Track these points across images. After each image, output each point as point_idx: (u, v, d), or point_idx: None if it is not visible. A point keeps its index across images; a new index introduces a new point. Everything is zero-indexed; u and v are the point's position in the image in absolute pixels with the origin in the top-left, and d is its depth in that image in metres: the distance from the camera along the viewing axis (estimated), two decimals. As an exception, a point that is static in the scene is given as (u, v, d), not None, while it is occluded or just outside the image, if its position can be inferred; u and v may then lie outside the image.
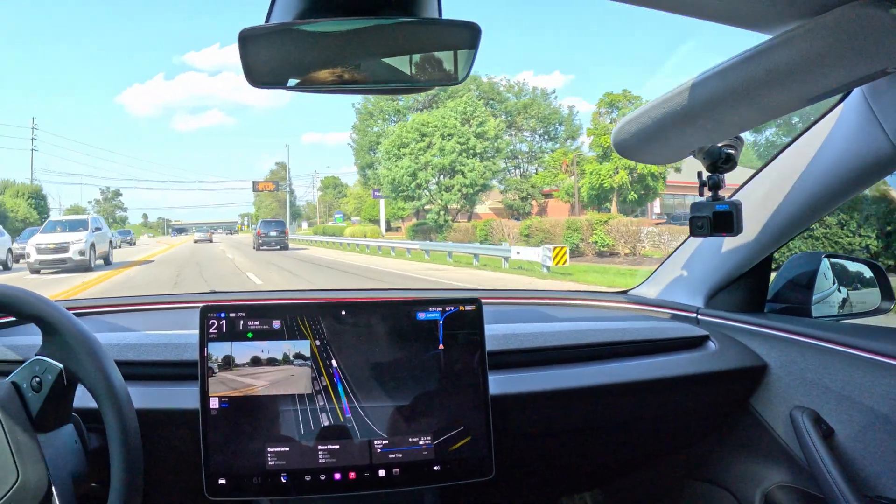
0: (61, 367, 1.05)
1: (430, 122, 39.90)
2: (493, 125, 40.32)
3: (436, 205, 39.83)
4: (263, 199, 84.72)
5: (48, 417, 1.05)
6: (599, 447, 1.66)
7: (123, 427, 1.03)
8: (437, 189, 39.75)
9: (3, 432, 1.01)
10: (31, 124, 61.23)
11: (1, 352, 1.32)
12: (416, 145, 40.01)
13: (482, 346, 1.28)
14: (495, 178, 42.31)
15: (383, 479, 1.22)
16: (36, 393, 1.05)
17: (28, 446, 1.01)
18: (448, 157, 38.69)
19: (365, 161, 51.46)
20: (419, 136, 39.94)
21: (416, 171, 39.63)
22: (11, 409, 1.03)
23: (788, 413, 1.47)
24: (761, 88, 1.03)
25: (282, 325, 1.22)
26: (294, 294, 2.13)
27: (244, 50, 0.92)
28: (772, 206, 1.51)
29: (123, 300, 1.81)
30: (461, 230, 34.59)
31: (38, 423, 1.04)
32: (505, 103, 46.08)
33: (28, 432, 1.03)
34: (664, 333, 1.62)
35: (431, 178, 39.92)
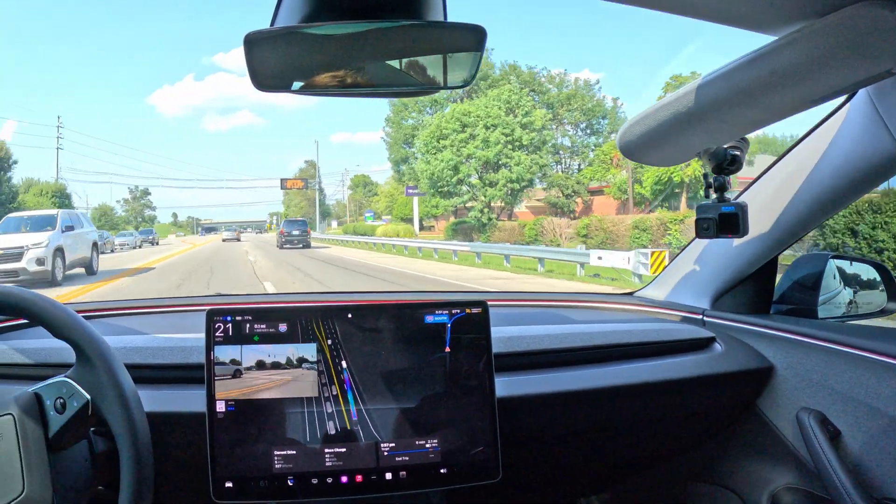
0: (89, 399, 1.04)
1: (472, 111, 37.21)
2: (539, 115, 37.60)
3: (478, 202, 37.02)
4: (292, 197, 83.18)
5: (64, 440, 1.05)
6: (606, 449, 1.66)
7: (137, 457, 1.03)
8: (479, 184, 37.02)
9: (17, 443, 1.01)
10: (57, 123, 60.47)
11: (8, 354, 1.34)
12: (456, 136, 37.17)
13: (489, 349, 1.28)
14: (541, 173, 38.98)
15: (390, 482, 1.22)
16: (58, 414, 1.04)
17: (39, 463, 1.02)
18: (492, 150, 35.93)
19: (399, 155, 49.37)
20: (460, 126, 37.16)
21: (457, 164, 36.92)
22: (30, 423, 1.03)
23: (795, 415, 1.47)
24: (766, 90, 1.02)
25: (288, 329, 1.23)
26: (301, 297, 2.13)
27: (250, 53, 0.93)
28: (777, 208, 1.50)
29: (130, 303, 1.83)
30: (506, 229, 32.23)
31: (53, 443, 1.04)
32: (546, 95, 43.03)
33: (41, 449, 1.03)
34: (670, 335, 1.62)
35: (474, 172, 37.14)
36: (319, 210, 70.42)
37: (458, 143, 37.11)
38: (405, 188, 47.94)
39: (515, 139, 36.38)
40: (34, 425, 1.03)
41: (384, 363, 1.24)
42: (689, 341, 1.62)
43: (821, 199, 1.44)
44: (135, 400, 1.06)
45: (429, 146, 38.49)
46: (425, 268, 20.55)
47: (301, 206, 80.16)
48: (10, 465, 1.00)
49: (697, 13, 0.95)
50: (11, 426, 1.02)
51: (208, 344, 1.19)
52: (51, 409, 1.04)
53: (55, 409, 1.04)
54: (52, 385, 1.06)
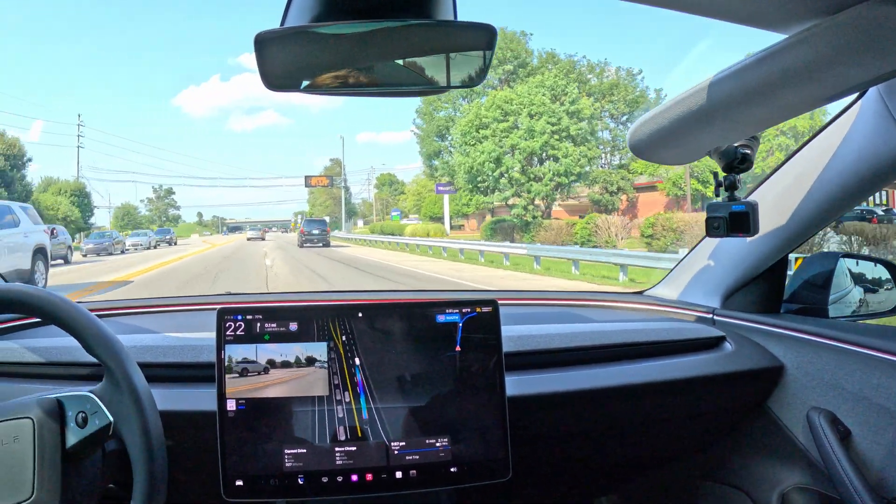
0: (111, 421, 1.05)
1: (515, 98, 34.55)
2: (586, 104, 34.84)
3: (522, 198, 33.98)
4: (318, 196, 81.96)
5: (79, 453, 1.05)
6: (615, 448, 1.66)
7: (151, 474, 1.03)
8: (523, 179, 33.97)
9: (33, 448, 1.02)
10: (77, 121, 60.85)
11: (20, 353, 1.35)
12: (497, 126, 34.40)
13: (499, 348, 1.28)
14: (589, 166, 35.72)
15: (400, 480, 1.22)
16: (78, 427, 1.04)
17: (51, 470, 1.02)
18: (538, 140, 33.22)
19: (431, 149, 47.07)
20: (501, 114, 34.45)
21: (499, 156, 34.14)
22: (48, 430, 1.03)
23: (805, 414, 1.46)
24: (777, 88, 1.02)
25: (299, 328, 1.23)
26: (311, 296, 2.15)
27: (260, 53, 0.93)
28: (788, 206, 1.50)
29: (142, 302, 1.84)
30: (553, 229, 28.92)
31: (69, 454, 1.04)
32: (587, 85, 39.89)
33: (56, 458, 1.03)
34: (680, 334, 1.62)
35: (517, 165, 34.09)
36: (345, 209, 69.04)
37: (499, 132, 34.53)
38: (435, 185, 45.91)
39: (562, 129, 33.74)
40: (52, 433, 1.03)
41: (395, 362, 1.25)
42: (699, 340, 1.61)
43: (831, 198, 1.44)
44: (156, 430, 1.06)
45: (467, 137, 36.02)
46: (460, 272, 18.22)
47: (326, 205, 79.15)
48: (22, 469, 1.01)
49: (708, 11, 0.95)
50: (30, 430, 1.03)
51: (219, 343, 1.20)
52: (71, 420, 1.05)
53: (76, 422, 1.05)
54: (77, 397, 1.07)
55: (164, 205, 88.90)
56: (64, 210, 42.86)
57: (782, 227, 1.52)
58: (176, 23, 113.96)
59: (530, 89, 34.70)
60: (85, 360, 1.29)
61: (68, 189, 46.35)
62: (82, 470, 1.06)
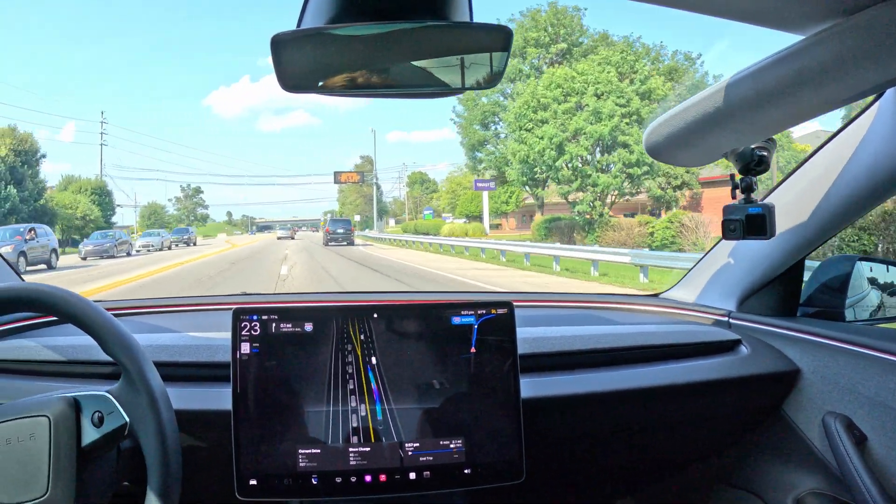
0: (127, 422, 1.06)
1: (577, 76, 29.13)
2: (658, 84, 29.46)
3: (588, 192, 28.29)
4: (348, 194, 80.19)
5: (94, 452, 1.06)
6: (630, 451, 1.65)
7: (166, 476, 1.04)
8: (590, 169, 28.41)
9: (49, 446, 1.02)
10: (101, 118, 59.03)
11: (37, 351, 1.37)
12: (559, 107, 28.87)
13: (514, 350, 1.28)
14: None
15: (413, 481, 1.22)
16: (94, 427, 1.05)
17: (66, 468, 1.02)
18: (607, 124, 27.64)
19: (475, 139, 42.86)
20: (562, 94, 28.87)
21: (562, 142, 28.45)
22: (64, 429, 1.04)
23: (821, 419, 1.45)
24: (794, 90, 1.02)
25: (314, 328, 1.23)
26: (326, 296, 2.15)
27: (277, 55, 0.94)
28: (805, 209, 1.48)
29: (158, 301, 1.85)
30: (623, 228, 25.06)
31: (84, 453, 1.05)
32: (641, 72, 31.18)
33: (71, 456, 1.03)
34: (696, 337, 1.61)
35: (584, 153, 28.61)
36: (377, 207, 67.20)
37: (561, 115, 28.96)
38: (474, 182, 43.11)
39: (632, 111, 28.30)
40: (68, 432, 1.04)
41: (409, 363, 1.25)
42: (714, 343, 1.61)
43: (849, 200, 1.42)
44: (172, 432, 1.07)
45: (522, 121, 30.08)
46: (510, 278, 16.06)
47: (356, 204, 77.25)
48: (38, 466, 1.02)
49: (724, 12, 0.95)
50: (46, 428, 1.03)
51: (234, 342, 1.21)
52: (88, 419, 1.05)
53: (92, 421, 1.05)
54: (94, 397, 1.07)
55: (193, 204, 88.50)
56: (83, 208, 41.95)
57: (799, 229, 1.51)
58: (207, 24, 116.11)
59: (594, 66, 29.37)
60: (101, 359, 1.31)
61: (89, 187, 45.47)
62: (97, 469, 1.08)
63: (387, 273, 18.14)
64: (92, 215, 42.37)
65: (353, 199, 79.11)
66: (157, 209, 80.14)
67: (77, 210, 41.33)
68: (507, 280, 15.65)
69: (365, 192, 74.43)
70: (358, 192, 77.58)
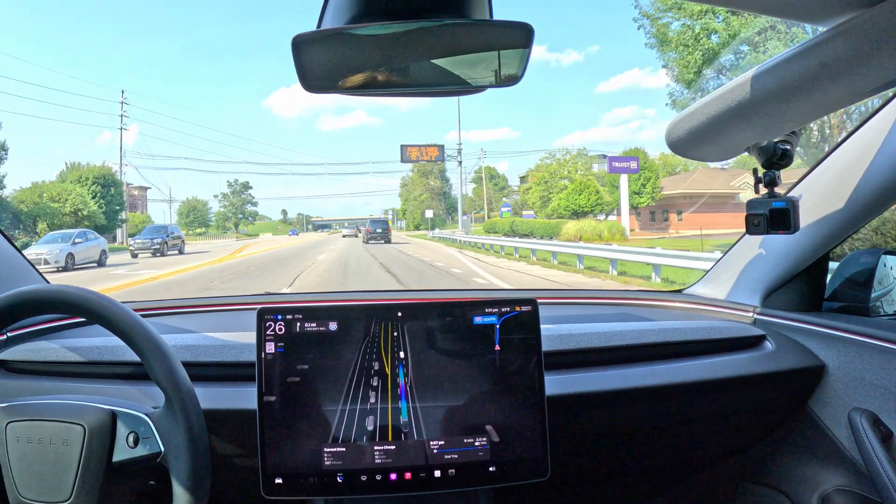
0: (162, 451, 1.07)
1: None
2: None
3: None
4: (412, 189, 74.07)
5: (124, 468, 1.08)
6: (654, 449, 1.64)
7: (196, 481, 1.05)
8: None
9: (80, 454, 1.05)
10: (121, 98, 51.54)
11: (63, 353, 1.39)
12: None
13: (538, 347, 1.27)
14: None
15: (438, 479, 1.22)
16: (128, 447, 1.07)
17: (93, 480, 1.05)
18: None
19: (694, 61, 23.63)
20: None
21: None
22: (97, 441, 1.06)
23: (846, 415, 1.45)
24: (816, 82, 1.00)
25: (338, 327, 1.24)
26: (350, 295, 2.15)
27: (298, 55, 0.94)
28: (830, 202, 1.47)
29: (184, 302, 1.87)
30: None
31: (113, 468, 1.07)
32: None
33: (100, 468, 1.05)
34: (720, 333, 1.60)
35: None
36: (447, 203, 61.68)
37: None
38: (608, 161, 35.95)
39: None
40: (101, 445, 1.06)
41: (434, 361, 1.25)
42: (739, 339, 1.60)
43: (875, 193, 1.40)
44: (204, 468, 1.07)
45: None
46: None
47: (421, 199, 71.06)
48: (66, 472, 1.04)
49: (745, 5, 0.94)
50: (80, 437, 1.05)
51: (259, 342, 1.22)
52: (122, 437, 1.07)
53: (126, 441, 1.07)
54: (133, 417, 1.09)
55: (240, 200, 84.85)
56: (75, 202, 34.83)
57: (824, 223, 1.50)
58: (264, 23, 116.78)
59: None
60: (125, 360, 1.34)
61: (90, 175, 38.76)
62: (123, 483, 1.09)
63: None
64: (86, 210, 35.64)
65: (418, 195, 72.92)
66: (197, 205, 77.21)
67: (66, 205, 34.58)
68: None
69: (432, 186, 68.96)
70: (424, 187, 71.70)
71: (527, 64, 0.98)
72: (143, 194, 72.88)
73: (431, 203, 67.55)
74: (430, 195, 69.59)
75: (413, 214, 69.96)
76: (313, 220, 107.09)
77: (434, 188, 67.92)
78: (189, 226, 74.89)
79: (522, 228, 37.60)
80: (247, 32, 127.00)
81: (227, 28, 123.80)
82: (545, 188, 46.23)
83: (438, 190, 67.56)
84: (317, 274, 17.16)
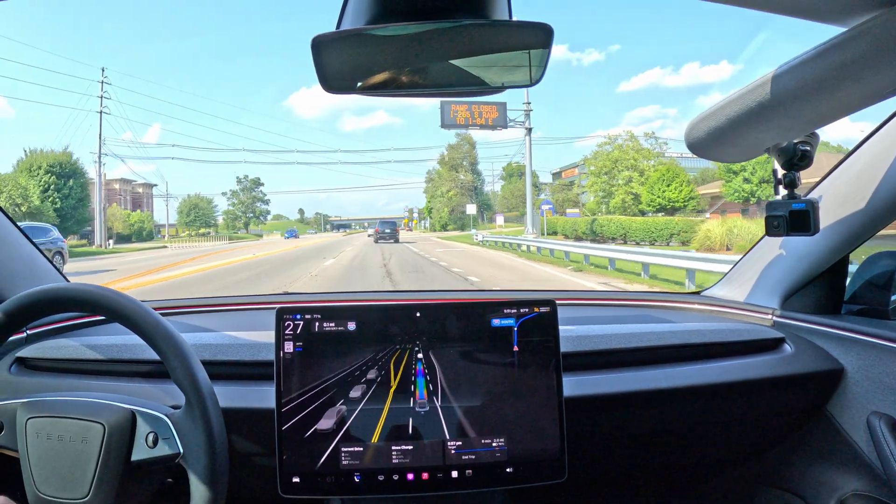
0: (181, 452, 1.07)
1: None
2: None
3: None
4: (439, 184, 66.12)
5: (142, 468, 1.09)
6: (672, 451, 1.63)
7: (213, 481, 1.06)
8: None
9: (98, 452, 1.06)
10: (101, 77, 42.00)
11: (80, 350, 1.40)
12: None
13: (557, 348, 1.27)
14: None
15: (456, 480, 1.22)
16: (147, 447, 1.08)
17: (111, 478, 1.06)
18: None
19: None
20: None
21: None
22: (116, 440, 1.07)
23: (865, 419, 1.43)
24: (837, 83, 1.00)
25: (357, 327, 1.24)
26: (368, 295, 2.15)
27: (318, 56, 0.94)
28: (850, 204, 1.46)
29: (202, 301, 1.89)
30: None
31: (131, 467, 1.08)
32: None
33: (118, 467, 1.06)
34: (739, 335, 1.58)
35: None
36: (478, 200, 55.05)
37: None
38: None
39: None
40: (120, 444, 1.07)
41: (452, 362, 1.25)
42: (758, 342, 1.58)
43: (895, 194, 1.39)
44: (223, 471, 1.08)
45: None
46: None
47: (449, 196, 63.62)
48: (84, 469, 1.05)
49: (764, 5, 0.94)
50: (99, 435, 1.07)
51: (278, 341, 1.22)
52: (142, 436, 1.08)
53: (145, 440, 1.08)
54: (153, 417, 1.09)
55: (250, 198, 78.99)
56: (12, 195, 28.77)
57: (844, 225, 1.48)
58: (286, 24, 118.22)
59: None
60: (145, 358, 1.35)
61: (44, 163, 32.72)
62: (140, 482, 1.11)
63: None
64: (25, 206, 29.51)
65: (446, 191, 64.44)
66: (200, 202, 71.55)
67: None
68: None
69: (462, 180, 61.66)
70: (453, 182, 63.75)
71: (546, 64, 0.98)
72: (147, 192, 70.24)
73: (461, 200, 61.68)
74: (460, 191, 62.81)
75: (440, 213, 63.31)
76: (331, 219, 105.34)
77: (464, 183, 61.46)
78: (190, 225, 70.24)
79: (610, 230, 29.09)
80: (266, 33, 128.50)
81: (247, 29, 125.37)
82: (605, 181, 38.53)
83: (469, 185, 61.26)
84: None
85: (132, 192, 67.87)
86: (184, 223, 69.54)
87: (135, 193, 68.24)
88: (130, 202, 66.53)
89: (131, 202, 66.74)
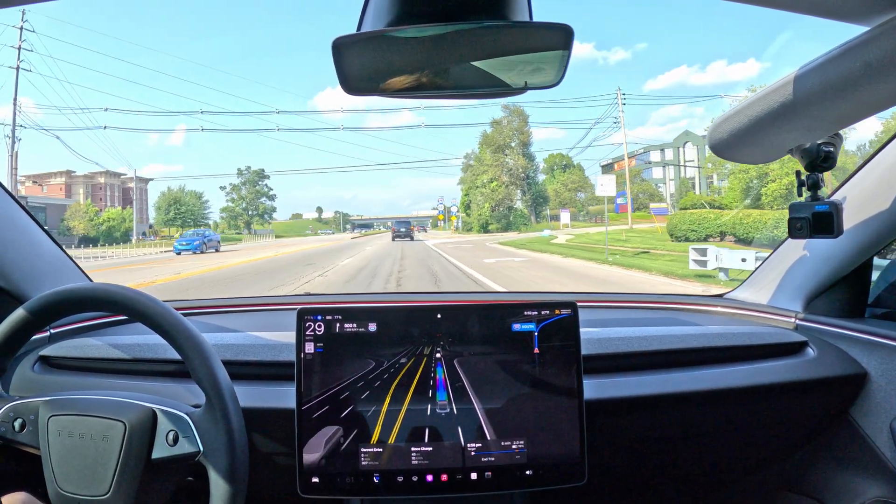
0: (201, 450, 1.08)
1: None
2: None
3: None
4: (478, 173, 51.72)
5: (162, 466, 1.10)
6: (692, 455, 1.62)
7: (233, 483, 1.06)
8: None
9: (119, 450, 1.07)
10: (21, 22, 37.26)
11: (103, 349, 1.42)
12: None
13: (578, 353, 1.27)
14: None
15: (475, 482, 1.22)
16: (167, 445, 1.09)
17: (131, 475, 1.07)
18: None
19: None
20: None
21: None
22: (137, 438, 1.08)
23: (889, 424, 1.42)
24: (859, 83, 0.99)
25: (378, 328, 1.24)
26: (389, 297, 2.15)
27: (338, 58, 0.95)
28: (873, 205, 1.44)
29: (224, 301, 1.90)
30: None
31: (152, 465, 1.09)
32: None
33: (139, 465, 1.07)
34: (761, 339, 1.56)
35: None
36: (532, 192, 43.53)
37: None
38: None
39: None
40: (141, 442, 1.08)
41: (472, 364, 1.25)
42: (780, 345, 1.57)
43: None
44: (242, 471, 1.08)
45: None
46: None
47: (493, 187, 50.56)
48: (105, 466, 1.07)
49: (786, 5, 0.93)
50: (120, 434, 1.08)
51: (299, 342, 1.23)
52: (162, 435, 1.09)
53: (166, 438, 1.09)
54: (173, 416, 1.10)
55: (252, 193, 67.98)
56: None
57: (867, 227, 1.46)
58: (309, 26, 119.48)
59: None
60: (167, 357, 1.36)
61: None
62: (160, 480, 1.12)
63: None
64: None
65: (488, 180, 51.19)
66: (182, 197, 61.75)
67: None
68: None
69: (511, 166, 48.22)
70: (499, 167, 50.67)
71: (567, 66, 0.98)
72: (142, 186, 62.99)
73: (509, 192, 49.11)
74: (510, 180, 49.63)
75: (481, 210, 51.20)
76: (352, 218, 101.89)
77: (514, 170, 49.05)
78: (169, 223, 60.62)
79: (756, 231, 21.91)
80: (291, 34, 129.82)
81: (272, 29, 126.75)
82: (750, 175, 31.23)
83: (520, 173, 49.12)
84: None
85: (121, 186, 60.34)
86: (163, 220, 60.22)
87: (124, 188, 60.72)
88: (120, 198, 59.88)
89: (121, 198, 59.96)
